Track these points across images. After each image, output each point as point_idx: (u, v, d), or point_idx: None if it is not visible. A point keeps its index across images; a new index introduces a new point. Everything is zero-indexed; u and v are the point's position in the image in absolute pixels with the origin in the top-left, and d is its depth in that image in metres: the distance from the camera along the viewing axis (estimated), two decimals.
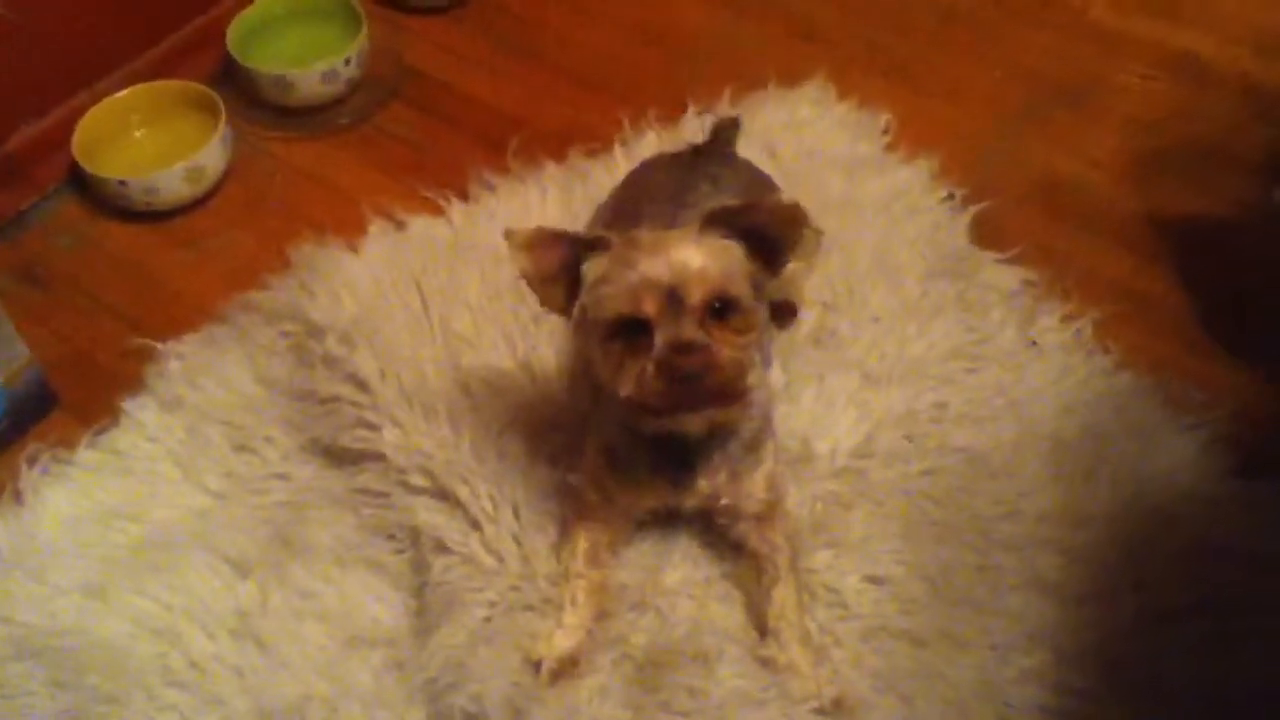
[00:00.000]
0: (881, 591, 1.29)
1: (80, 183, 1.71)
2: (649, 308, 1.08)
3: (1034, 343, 1.52)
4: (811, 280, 1.52)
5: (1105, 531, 1.34)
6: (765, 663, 1.23)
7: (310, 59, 1.80)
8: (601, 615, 1.26)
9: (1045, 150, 1.78)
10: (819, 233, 1.44)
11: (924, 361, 1.49)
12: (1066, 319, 1.55)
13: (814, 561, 1.30)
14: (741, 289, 1.12)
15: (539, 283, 1.15)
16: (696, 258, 1.09)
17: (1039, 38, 1.95)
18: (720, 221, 1.12)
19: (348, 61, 1.81)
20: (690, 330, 1.07)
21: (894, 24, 1.98)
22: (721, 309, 1.10)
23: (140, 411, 1.46)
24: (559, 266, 1.14)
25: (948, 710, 1.21)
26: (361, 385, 1.43)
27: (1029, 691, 1.22)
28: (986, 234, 1.65)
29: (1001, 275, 1.60)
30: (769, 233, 1.13)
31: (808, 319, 1.52)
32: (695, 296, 1.08)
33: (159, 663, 1.24)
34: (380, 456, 1.38)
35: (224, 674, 1.24)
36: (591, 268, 1.13)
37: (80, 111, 1.70)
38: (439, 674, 1.22)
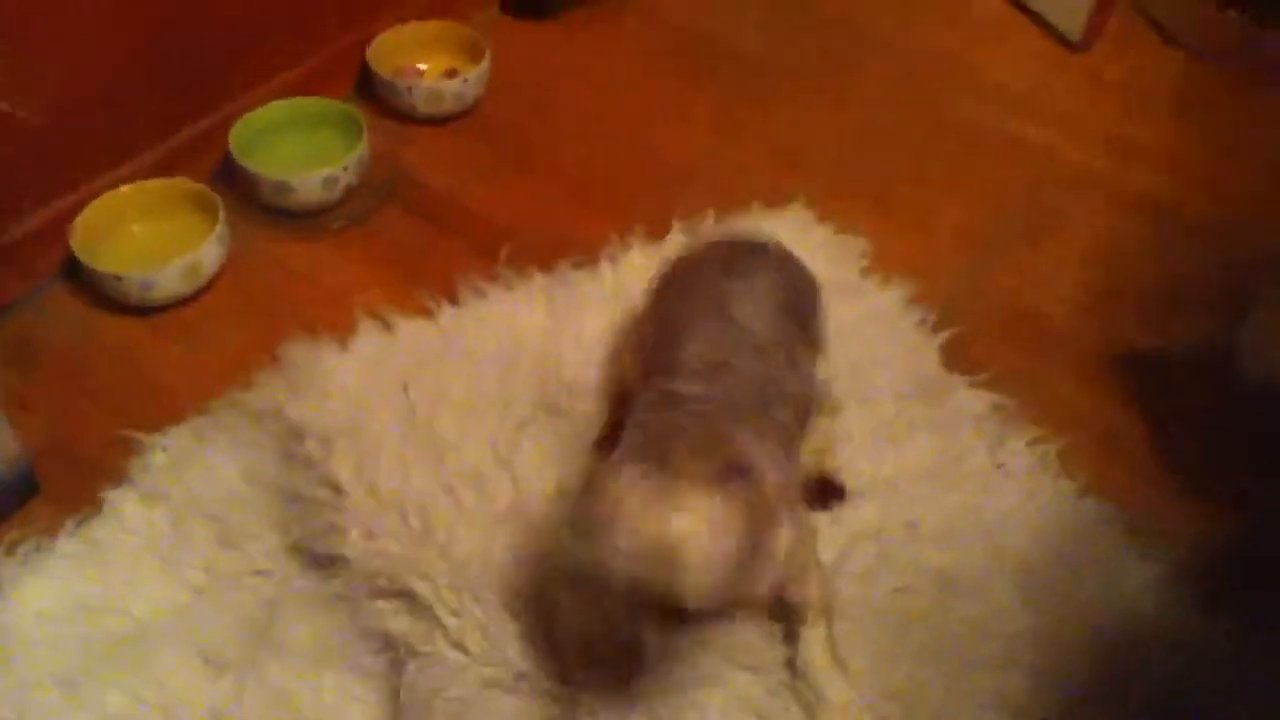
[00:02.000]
0: None
1: (76, 274, 1.71)
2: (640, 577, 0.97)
3: (1001, 466, 1.54)
4: None
5: (1073, 656, 1.34)
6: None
7: (310, 164, 1.83)
8: None
9: (1010, 282, 1.83)
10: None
11: (896, 480, 1.50)
12: (1033, 443, 1.57)
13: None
14: (748, 559, 1.00)
15: None
16: (701, 524, 0.96)
17: (1008, 174, 2.03)
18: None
19: (346, 168, 1.84)
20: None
21: (873, 156, 2.05)
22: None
23: (122, 502, 1.44)
24: None
25: None
26: (335, 489, 1.42)
27: None
28: (957, 358, 1.68)
29: (971, 399, 1.63)
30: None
31: None
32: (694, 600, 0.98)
33: None
34: (349, 561, 1.36)
35: None
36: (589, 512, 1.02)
37: (80, 204, 1.71)
38: None
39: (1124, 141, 2.11)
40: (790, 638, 1.27)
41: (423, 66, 2.12)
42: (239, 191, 1.85)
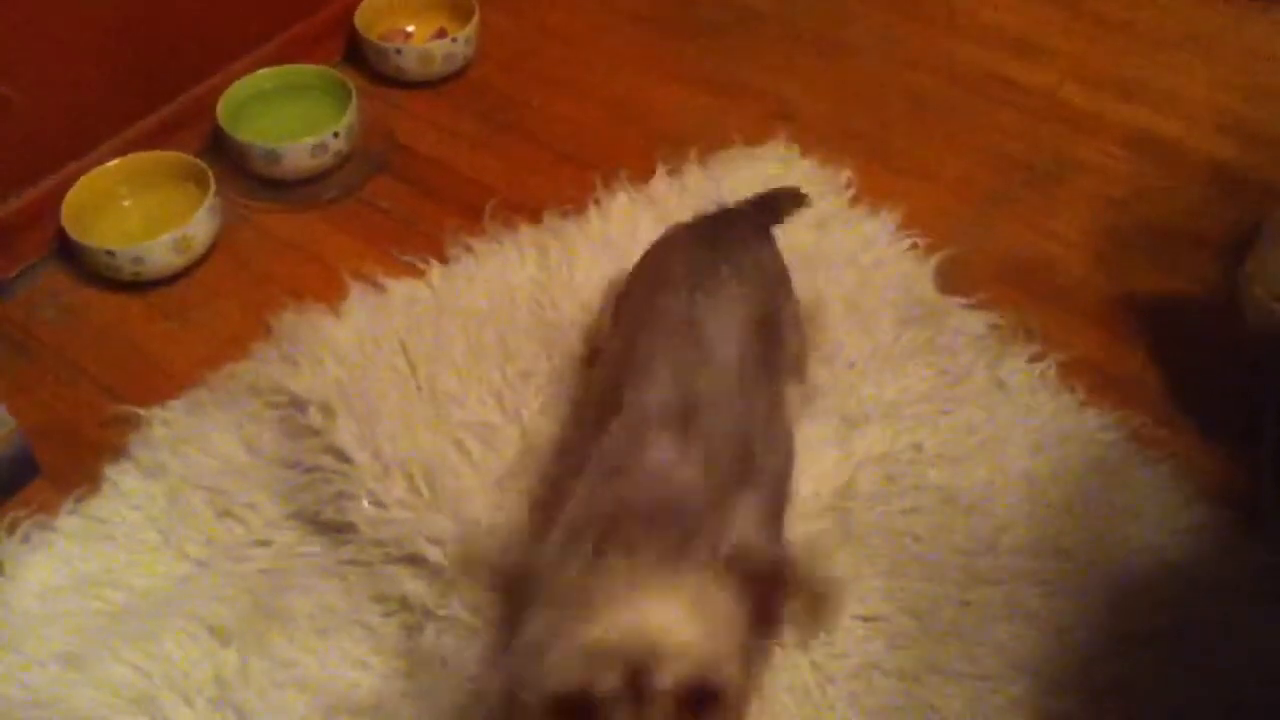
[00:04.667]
0: (870, 629, 1.26)
1: (67, 251, 1.66)
2: (605, 685, 0.77)
3: (1001, 384, 1.51)
4: None
5: (1080, 562, 1.33)
6: None
7: (300, 132, 1.77)
8: None
9: (1015, 229, 1.75)
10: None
11: (899, 405, 1.47)
12: (1032, 360, 1.53)
13: None
14: (732, 670, 0.81)
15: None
16: (677, 622, 0.78)
17: (1009, 119, 1.94)
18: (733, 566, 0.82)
19: (336, 135, 1.77)
20: None
21: (867, 108, 1.96)
22: (703, 701, 0.79)
23: (122, 478, 1.40)
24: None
25: None
26: (341, 456, 1.38)
27: (1017, 718, 1.19)
28: (953, 282, 1.64)
29: (969, 320, 1.59)
30: (774, 596, 0.84)
31: None
32: (667, 682, 0.77)
33: None
34: (358, 528, 1.34)
35: None
36: (528, 620, 0.82)
37: (70, 181, 1.65)
38: None
39: (1128, 81, 2.01)
40: None
41: (410, 29, 2.05)
42: (229, 163, 1.79)
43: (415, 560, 1.30)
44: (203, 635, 1.25)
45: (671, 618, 0.79)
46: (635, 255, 1.49)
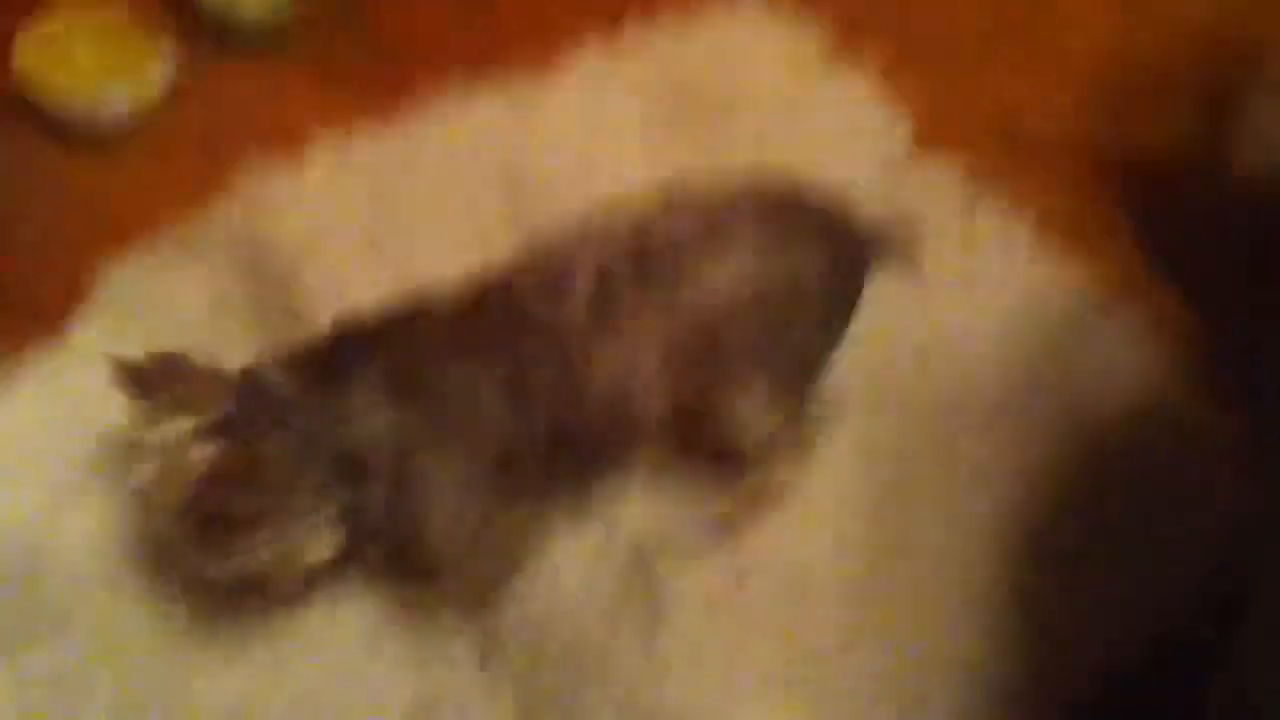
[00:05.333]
0: (846, 470, 1.30)
1: (19, 107, 1.59)
2: None
3: (973, 237, 1.50)
4: None
5: (1049, 418, 1.35)
6: None
7: None
8: None
9: (990, 81, 1.71)
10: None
11: None
12: (1006, 212, 1.52)
13: None
14: None
15: None
16: None
17: None
18: None
19: None
20: None
21: None
22: None
23: (90, 335, 1.38)
24: None
25: (913, 578, 1.24)
26: (315, 305, 1.36)
27: (989, 566, 1.24)
28: (926, 138, 1.61)
29: (941, 175, 1.57)
30: None
31: None
32: None
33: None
34: None
35: None
36: None
37: (15, 33, 1.59)
38: None
39: None
40: None
41: None
42: (183, 15, 1.71)
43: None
44: None
45: None
46: (603, 111, 1.46)
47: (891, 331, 1.39)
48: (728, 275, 1.05)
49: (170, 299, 1.42)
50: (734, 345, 1.08)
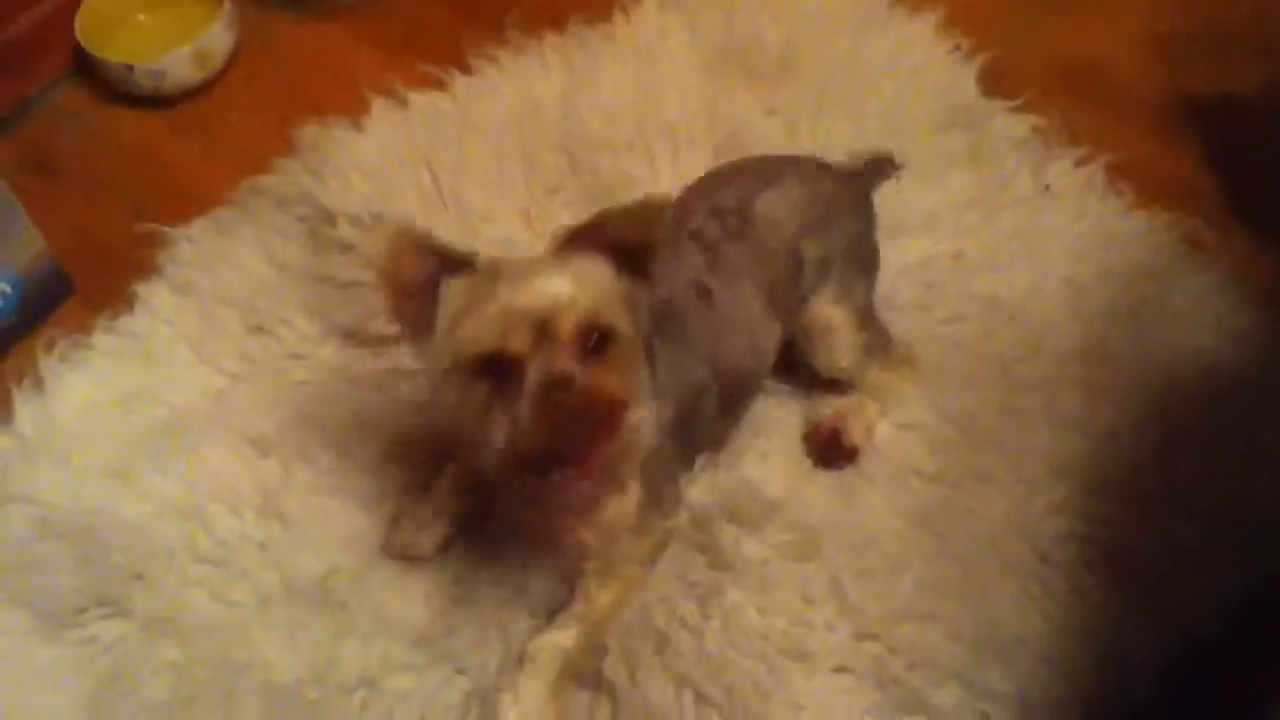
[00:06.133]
0: (911, 436, 1.25)
1: (85, 69, 1.60)
2: (518, 343, 0.91)
3: (1047, 187, 1.45)
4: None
5: (1126, 367, 1.29)
6: None
7: None
8: None
9: (1062, 28, 1.65)
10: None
11: (938, 213, 1.43)
12: (1080, 163, 1.47)
13: None
14: (617, 315, 0.96)
15: (397, 294, 0.95)
16: (565, 285, 0.93)
17: None
18: (581, 240, 0.97)
19: None
20: (566, 363, 0.90)
21: None
22: (598, 341, 0.94)
23: (153, 296, 1.39)
24: (423, 281, 0.95)
25: (979, 543, 1.17)
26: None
27: (1059, 522, 1.18)
28: (997, 84, 1.56)
29: (1013, 123, 1.52)
30: (630, 240, 0.97)
31: None
32: (567, 328, 0.92)
33: (185, 540, 1.18)
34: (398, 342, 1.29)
35: (250, 550, 1.18)
36: (451, 293, 0.95)
37: (80, 2, 1.59)
38: None
39: None
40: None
41: None
42: None
43: None
44: (244, 447, 1.25)
45: (558, 283, 0.93)
46: (662, 65, 1.42)
47: (962, 287, 1.36)
48: (785, 201, 1.21)
49: (233, 261, 1.42)
50: (810, 260, 1.20)
